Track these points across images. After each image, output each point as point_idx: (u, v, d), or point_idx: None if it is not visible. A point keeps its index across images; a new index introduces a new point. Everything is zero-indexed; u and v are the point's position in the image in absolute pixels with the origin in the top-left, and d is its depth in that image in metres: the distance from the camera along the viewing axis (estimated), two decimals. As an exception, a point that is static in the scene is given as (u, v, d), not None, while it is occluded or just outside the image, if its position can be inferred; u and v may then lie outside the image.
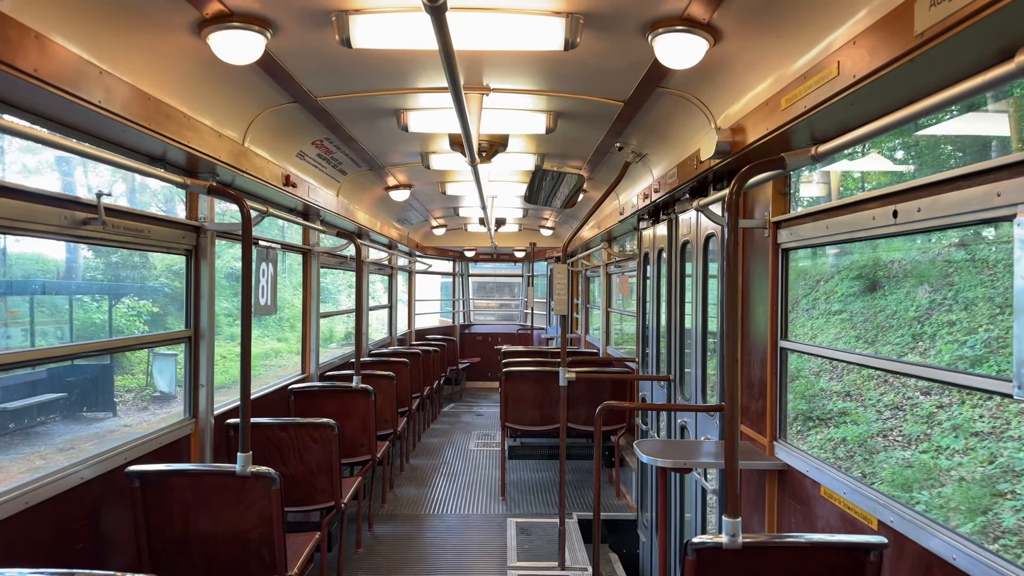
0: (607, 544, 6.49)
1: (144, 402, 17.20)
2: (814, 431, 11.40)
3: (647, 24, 3.02)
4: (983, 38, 1.88)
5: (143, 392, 17.43)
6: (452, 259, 14.76)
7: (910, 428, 9.88)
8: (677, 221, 5.41)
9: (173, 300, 20.13)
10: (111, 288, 19.42)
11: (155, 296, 20.31)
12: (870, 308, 12.32)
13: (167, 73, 3.31)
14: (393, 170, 6.83)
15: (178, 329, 4.44)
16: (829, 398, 11.71)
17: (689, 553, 2.40)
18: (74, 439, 13.95)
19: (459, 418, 11.52)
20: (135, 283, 20.30)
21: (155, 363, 17.75)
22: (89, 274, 19.81)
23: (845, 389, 11.58)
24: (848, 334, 12.42)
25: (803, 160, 2.98)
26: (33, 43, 2.45)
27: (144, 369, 17.84)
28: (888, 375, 10.78)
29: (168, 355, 17.43)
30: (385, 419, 6.83)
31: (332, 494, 4.65)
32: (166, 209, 22.73)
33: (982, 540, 7.51)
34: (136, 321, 18.48)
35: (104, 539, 3.54)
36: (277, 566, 3.48)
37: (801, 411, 11.71)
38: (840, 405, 11.38)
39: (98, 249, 18.59)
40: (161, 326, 19.24)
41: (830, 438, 10.97)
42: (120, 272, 20.17)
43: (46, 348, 4.09)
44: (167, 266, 20.37)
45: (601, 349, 9.39)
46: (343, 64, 3.68)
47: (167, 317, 19.76)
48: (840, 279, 13.65)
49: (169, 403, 17.05)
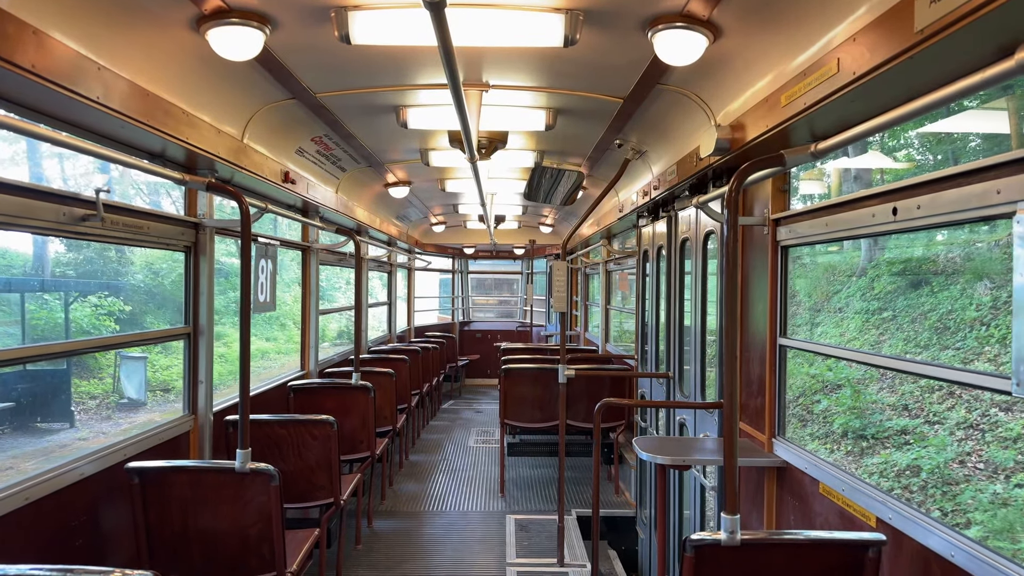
0: (606, 541, 6.50)
1: (108, 410, 15.26)
2: (869, 454, 9.82)
3: (647, 20, 3.01)
4: (983, 35, 1.88)
5: (108, 399, 15.55)
6: (451, 256, 14.75)
7: (995, 453, 8.18)
8: (676, 218, 5.41)
9: (152, 297, 18.91)
10: (79, 285, 17.47)
11: (130, 293, 18.46)
12: (915, 307, 11.10)
13: (166, 69, 3.30)
14: (392, 167, 6.83)
15: (165, 327, 4.43)
16: (882, 411, 10.33)
17: (688, 550, 2.40)
18: (16, 456, 12.18)
19: (458, 415, 11.52)
20: (110, 279, 18.39)
21: (123, 366, 15.89)
22: (59, 270, 17.95)
23: (901, 401, 10.09)
24: (894, 337, 11.18)
25: (803, 157, 2.97)
26: (31, 39, 2.44)
27: (112, 373, 16.02)
28: (954, 387, 9.28)
29: (138, 357, 15.85)
30: (384, 416, 6.83)
31: (331, 491, 4.65)
32: (151, 202, 21.83)
33: None
34: (106, 321, 16.60)
35: (103, 535, 3.54)
36: (276, 563, 3.48)
37: (853, 429, 10.30)
38: (900, 422, 9.75)
39: (70, 243, 17.30)
40: (136, 326, 17.61)
41: (891, 463, 9.29)
42: (90, 267, 18.45)
43: (39, 345, 4.08)
44: (147, 262, 19.03)
45: (600, 346, 9.39)
46: (342, 60, 3.67)
47: (145, 316, 18.31)
48: (877, 274, 12.43)
49: (137, 411, 15.49)
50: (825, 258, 14.34)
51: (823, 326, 13.32)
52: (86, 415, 14.71)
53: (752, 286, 3.93)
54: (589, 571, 5.16)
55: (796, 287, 14.37)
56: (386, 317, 11.65)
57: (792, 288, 14.04)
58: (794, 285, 14.26)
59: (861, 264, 13.20)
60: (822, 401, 11.59)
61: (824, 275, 14.05)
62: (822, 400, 11.61)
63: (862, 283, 12.76)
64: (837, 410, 11.08)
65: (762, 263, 3.77)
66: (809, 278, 14.44)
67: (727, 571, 2.47)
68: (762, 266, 3.77)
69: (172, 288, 18.88)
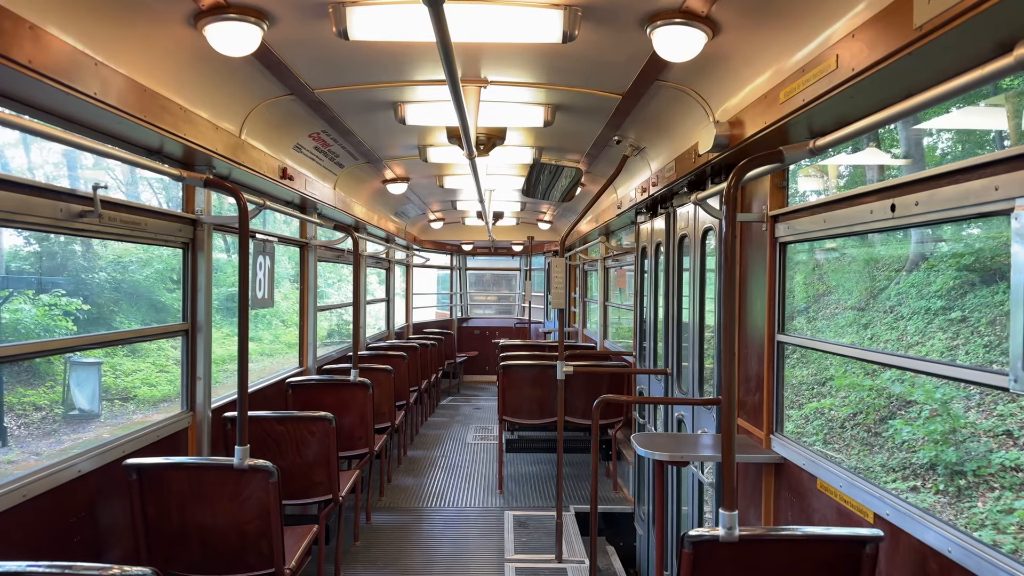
0: (604, 537, 6.51)
1: (54, 423, 13.18)
2: (969, 496, 7.61)
3: (645, 16, 3.01)
4: (982, 31, 1.87)
5: (55, 411, 13.48)
6: (450, 253, 14.74)
7: None
8: (675, 215, 5.41)
9: (124, 295, 16.83)
10: (30, 283, 15.43)
11: (94, 291, 16.25)
12: (990, 305, 9.26)
13: (163, 65, 3.29)
14: (391, 163, 6.82)
15: (158, 325, 4.43)
16: (977, 438, 8.16)
17: (686, 546, 2.41)
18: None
19: (457, 411, 11.53)
20: (72, 275, 16.22)
21: (73, 373, 13.78)
22: (15, 264, 15.81)
23: (1000, 426, 7.95)
24: (971, 343, 9.23)
25: (801, 154, 2.97)
26: (27, 34, 2.43)
27: (63, 380, 13.98)
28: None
29: (90, 364, 13.82)
30: (383, 412, 6.83)
31: (330, 487, 4.66)
32: (128, 194, 20.11)
33: None
34: (63, 321, 14.55)
35: (102, 532, 3.54)
36: (275, 559, 3.48)
37: (947, 464, 7.91)
38: (1012, 456, 7.50)
39: (32, 235, 15.01)
40: (103, 327, 15.86)
41: (1009, 508, 7.07)
42: (51, 262, 16.26)
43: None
44: (115, 257, 17.00)
45: (599, 343, 9.40)
46: (340, 56, 3.66)
47: (115, 316, 16.37)
48: (934, 267, 10.71)
49: (87, 424, 13.35)
50: (860, 251, 12.66)
51: (873, 327, 11.51)
52: (25, 430, 12.66)
53: (750, 282, 3.94)
54: (587, 567, 5.17)
55: (832, 282, 13.10)
56: (384, 314, 11.65)
57: (827, 283, 13.13)
58: (830, 280, 13.19)
59: (911, 257, 11.49)
60: (900, 428, 9.25)
61: (864, 270, 12.62)
62: (899, 426, 9.28)
63: (916, 278, 11.00)
64: (915, 434, 8.89)
65: (760, 259, 3.77)
66: (846, 272, 12.98)
67: (725, 567, 2.47)
68: (760, 262, 3.77)
69: (146, 283, 17.40)
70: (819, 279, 13.61)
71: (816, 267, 13.86)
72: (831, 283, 13.19)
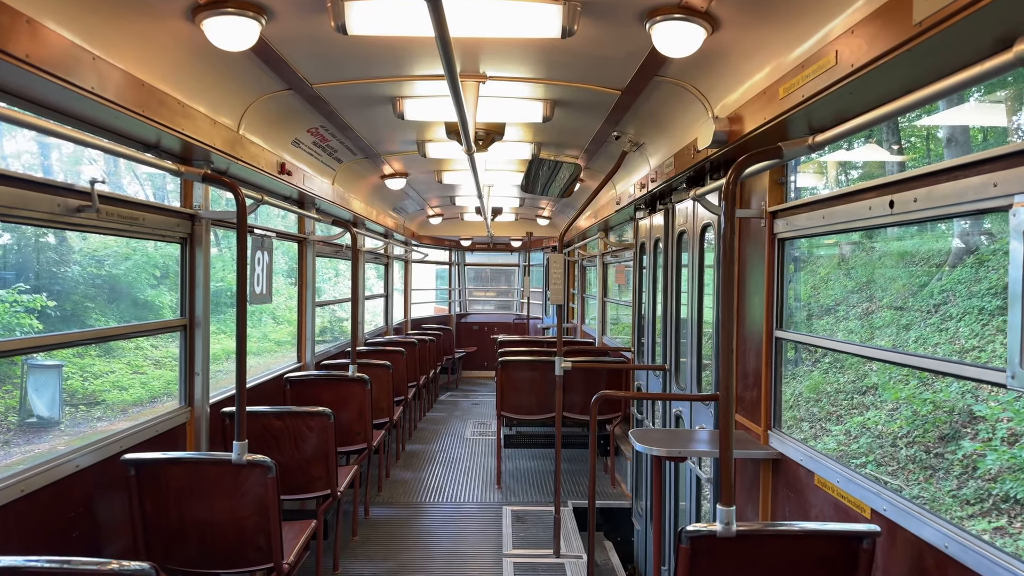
0: (602, 532, 6.52)
1: (7, 432, 12.18)
2: None
3: (645, 12, 3.00)
4: (981, 27, 1.87)
5: (9, 418, 12.50)
6: (448, 248, 14.73)
7: None
8: (674, 211, 5.41)
9: (102, 292, 15.65)
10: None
11: (66, 287, 15.07)
12: None
13: (161, 59, 3.28)
14: (389, 158, 6.80)
15: (155, 320, 4.42)
16: None
17: (683, 541, 2.41)
18: None
19: (455, 407, 11.54)
20: (41, 269, 14.90)
21: (31, 377, 12.73)
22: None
23: None
24: None
25: (800, 149, 2.97)
26: (25, 28, 2.42)
27: (20, 384, 12.88)
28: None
29: (50, 367, 12.80)
30: (381, 408, 6.83)
31: (328, 482, 4.66)
32: (111, 184, 18.40)
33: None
34: (26, 320, 13.34)
35: (100, 527, 3.55)
36: (273, 554, 3.49)
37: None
38: None
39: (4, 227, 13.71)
40: (76, 325, 14.82)
41: None
42: (16, 257, 14.85)
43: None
44: (91, 251, 15.84)
45: (597, 339, 9.40)
46: (338, 51, 3.65)
47: (89, 315, 15.07)
48: (984, 262, 9.64)
49: (44, 433, 12.33)
50: (892, 244, 11.63)
51: (916, 328, 10.27)
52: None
53: (749, 278, 3.94)
54: (585, 562, 5.18)
55: (861, 277, 12.03)
56: (382, 309, 11.65)
57: (855, 279, 12.32)
58: (859, 275, 12.15)
59: (953, 250, 10.54)
60: (968, 449, 8.14)
61: (899, 264, 11.43)
62: (969, 448, 8.11)
63: (961, 274, 10.01)
64: (996, 462, 7.65)
65: (759, 256, 3.77)
66: (876, 267, 11.96)
67: (723, 563, 2.48)
68: (759, 259, 3.77)
69: (125, 278, 16.21)
70: (846, 274, 12.84)
71: (841, 261, 13.12)
72: (860, 278, 12.17)
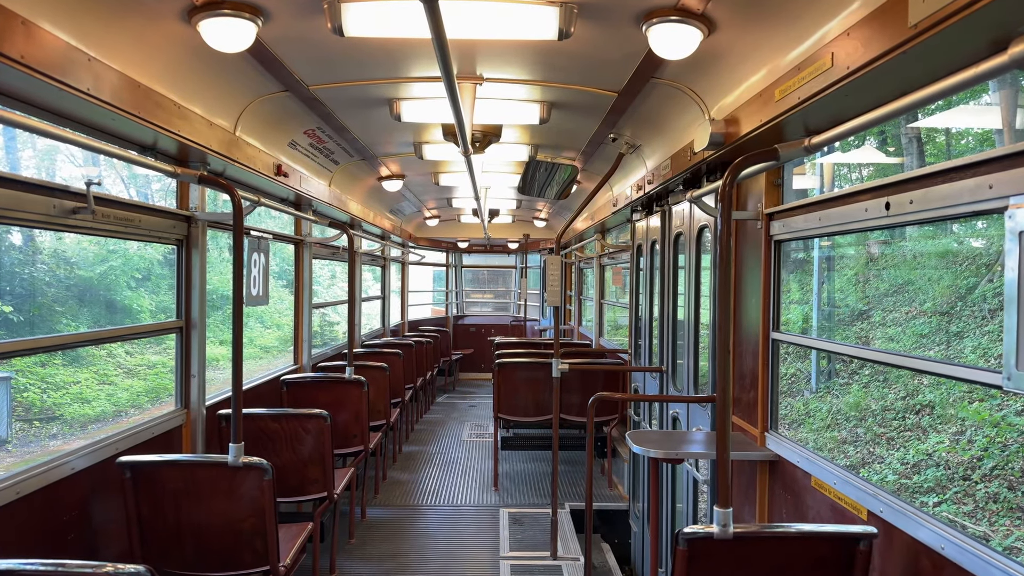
0: (599, 534, 6.52)
1: None
2: None
3: (641, 14, 3.00)
4: (976, 30, 1.88)
5: None
6: (445, 250, 14.73)
7: None
8: (670, 213, 5.42)
9: (72, 295, 14.55)
10: None
11: (28, 288, 13.87)
12: None
13: (157, 61, 3.27)
14: (386, 160, 6.80)
15: (151, 322, 4.42)
16: None
17: (680, 543, 2.41)
18: None
19: (452, 409, 11.53)
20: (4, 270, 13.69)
21: None
22: None
23: None
24: None
25: (796, 152, 2.98)
26: (20, 29, 2.41)
27: None
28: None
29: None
30: (378, 410, 6.83)
31: (325, 485, 4.65)
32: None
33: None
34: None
35: (96, 530, 3.53)
36: (270, 556, 3.48)
37: None
38: None
39: None
40: (39, 330, 13.80)
41: None
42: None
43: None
44: (55, 250, 14.67)
45: (594, 340, 9.40)
46: (335, 52, 3.65)
47: (55, 319, 13.81)
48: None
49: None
50: (928, 244, 10.86)
51: (971, 338, 9.52)
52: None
53: (745, 280, 3.94)
54: (582, 564, 5.17)
55: (896, 279, 11.08)
56: (379, 311, 11.63)
57: (890, 281, 11.67)
58: (893, 277, 11.28)
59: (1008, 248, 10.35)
60: None
61: (940, 264, 10.60)
62: None
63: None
64: None
65: (755, 257, 3.78)
66: (912, 268, 11.15)
67: (720, 564, 2.48)
68: (755, 260, 3.78)
69: (99, 282, 15.11)
70: (876, 275, 12.04)
71: (871, 261, 12.24)
72: (895, 280, 11.30)
